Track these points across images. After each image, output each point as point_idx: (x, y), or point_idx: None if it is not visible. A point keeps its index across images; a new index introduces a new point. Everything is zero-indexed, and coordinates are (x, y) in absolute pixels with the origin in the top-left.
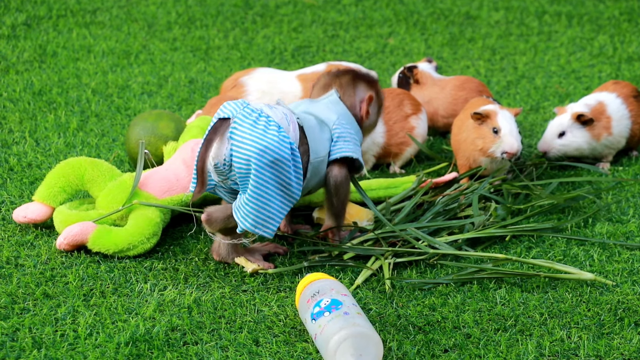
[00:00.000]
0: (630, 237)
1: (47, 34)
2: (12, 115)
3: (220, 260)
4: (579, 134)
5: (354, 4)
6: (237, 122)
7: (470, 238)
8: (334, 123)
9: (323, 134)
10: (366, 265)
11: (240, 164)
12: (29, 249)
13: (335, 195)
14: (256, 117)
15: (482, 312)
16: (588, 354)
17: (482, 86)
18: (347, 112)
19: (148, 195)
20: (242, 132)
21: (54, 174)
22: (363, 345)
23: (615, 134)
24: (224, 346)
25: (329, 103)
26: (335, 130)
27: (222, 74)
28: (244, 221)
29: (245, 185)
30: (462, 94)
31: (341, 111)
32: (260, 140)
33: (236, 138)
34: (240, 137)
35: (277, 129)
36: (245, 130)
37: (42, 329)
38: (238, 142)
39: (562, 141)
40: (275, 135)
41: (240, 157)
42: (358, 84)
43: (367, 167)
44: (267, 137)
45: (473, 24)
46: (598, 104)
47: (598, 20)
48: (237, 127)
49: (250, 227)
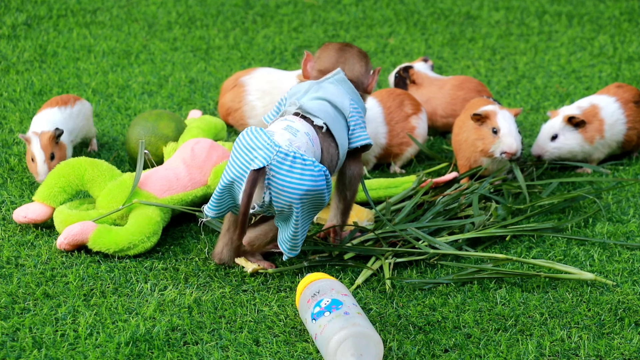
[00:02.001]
0: (630, 237)
1: (48, 33)
2: (12, 115)
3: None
4: (571, 136)
5: (354, 4)
6: (274, 169)
7: (470, 238)
8: (349, 111)
9: (341, 124)
10: (366, 265)
11: (282, 207)
12: (29, 249)
13: (350, 189)
14: (291, 161)
15: (482, 312)
16: (588, 353)
17: (480, 86)
18: (354, 89)
19: (148, 194)
20: (282, 179)
21: (54, 174)
22: (363, 345)
23: (608, 137)
24: (224, 346)
25: (337, 82)
26: (351, 119)
27: (222, 73)
28: (292, 252)
29: (282, 215)
30: (461, 94)
31: (350, 91)
32: (301, 185)
33: (275, 186)
34: (280, 185)
35: (312, 167)
36: (285, 177)
37: (42, 329)
38: (278, 189)
39: (555, 144)
40: (314, 174)
41: (282, 202)
42: (363, 58)
43: (368, 168)
44: (305, 179)
45: (473, 23)
46: (591, 107)
47: (598, 20)
48: (275, 175)
49: (295, 254)
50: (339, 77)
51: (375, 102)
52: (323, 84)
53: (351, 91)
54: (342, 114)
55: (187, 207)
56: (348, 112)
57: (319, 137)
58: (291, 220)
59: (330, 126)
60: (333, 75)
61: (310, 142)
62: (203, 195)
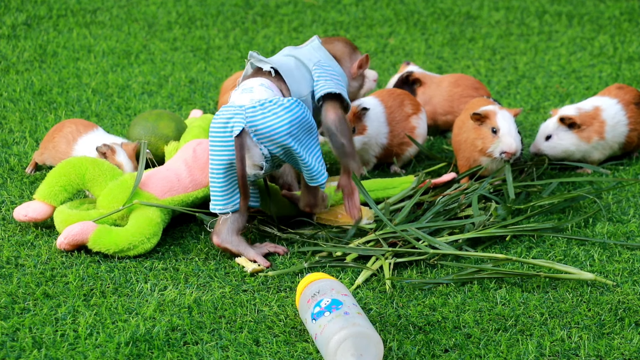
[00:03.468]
0: (630, 237)
1: (48, 33)
2: (12, 115)
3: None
4: (565, 136)
5: (354, 4)
6: (253, 124)
7: (470, 238)
8: (314, 64)
9: (303, 75)
10: (366, 266)
11: (282, 151)
12: (29, 249)
13: (341, 134)
14: (261, 109)
15: (482, 312)
16: (588, 354)
17: (477, 83)
18: (329, 55)
19: (149, 195)
20: (264, 128)
21: (56, 173)
22: (363, 345)
23: (609, 138)
24: (224, 346)
25: (311, 48)
26: (315, 71)
27: (222, 73)
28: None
29: (291, 159)
30: (458, 91)
31: (323, 55)
32: (282, 122)
33: (263, 136)
34: (266, 132)
35: (281, 102)
36: (265, 124)
37: (42, 329)
38: (267, 137)
39: (549, 144)
40: (286, 106)
41: (278, 146)
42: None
43: (368, 168)
44: (282, 114)
45: (473, 23)
46: (593, 109)
47: (598, 20)
48: (257, 128)
49: (324, 179)
50: (314, 44)
51: (377, 101)
52: (298, 48)
53: (325, 56)
54: (306, 67)
55: (188, 209)
56: (312, 65)
57: (273, 82)
58: (297, 159)
59: (282, 71)
60: (309, 42)
61: (267, 89)
62: (204, 197)
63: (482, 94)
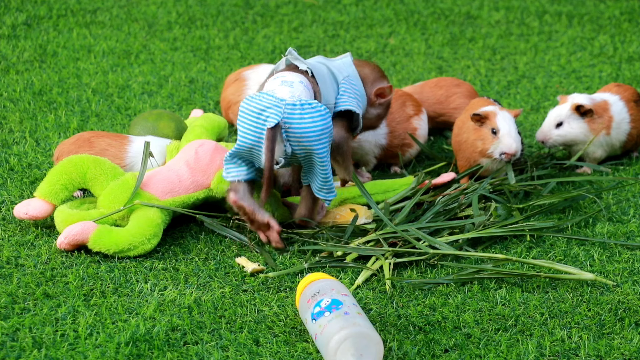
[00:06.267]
0: (630, 237)
1: (48, 33)
2: (12, 115)
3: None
4: (576, 125)
5: (354, 4)
6: (288, 122)
7: (470, 238)
8: (343, 77)
9: (332, 84)
10: (366, 266)
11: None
12: (29, 249)
13: (338, 153)
14: (300, 109)
15: (482, 312)
16: (588, 354)
17: (457, 80)
18: (358, 75)
19: (150, 196)
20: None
21: (57, 171)
22: (363, 345)
23: (613, 135)
24: (224, 346)
25: (342, 64)
26: (342, 85)
27: (222, 73)
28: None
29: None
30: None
31: (352, 72)
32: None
33: (294, 136)
34: (298, 133)
35: (319, 108)
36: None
37: (42, 329)
38: (297, 138)
39: (559, 131)
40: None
41: (304, 148)
42: (377, 68)
43: (368, 169)
44: (317, 120)
45: (473, 23)
46: (602, 102)
47: (599, 20)
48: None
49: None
50: (347, 60)
51: None
52: (330, 60)
53: (354, 74)
54: (335, 78)
55: (189, 210)
56: (341, 78)
57: (310, 81)
58: (316, 165)
59: (316, 75)
60: (342, 57)
61: (306, 88)
62: (205, 198)
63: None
